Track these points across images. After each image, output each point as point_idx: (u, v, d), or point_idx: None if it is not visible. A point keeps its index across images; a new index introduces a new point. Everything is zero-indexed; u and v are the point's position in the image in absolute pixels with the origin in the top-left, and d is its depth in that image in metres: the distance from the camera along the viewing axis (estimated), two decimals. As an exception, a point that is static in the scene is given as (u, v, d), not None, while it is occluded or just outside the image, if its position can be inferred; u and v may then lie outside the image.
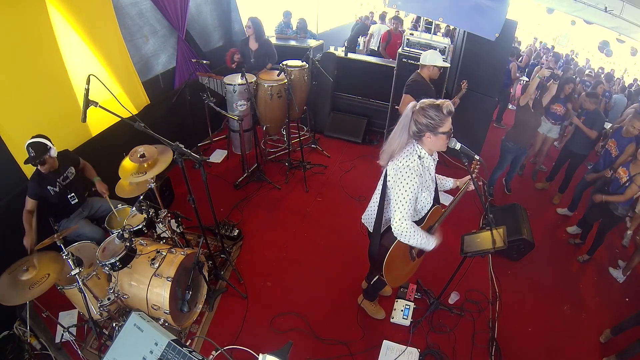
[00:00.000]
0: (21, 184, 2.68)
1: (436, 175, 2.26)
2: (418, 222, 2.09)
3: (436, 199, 2.17)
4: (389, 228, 2.03)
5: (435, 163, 2.09)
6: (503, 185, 4.76)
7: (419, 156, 1.94)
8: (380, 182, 2.09)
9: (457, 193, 2.24)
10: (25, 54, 2.64)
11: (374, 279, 2.67)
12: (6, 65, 2.53)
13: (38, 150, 2.44)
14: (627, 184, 3.26)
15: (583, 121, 4.18)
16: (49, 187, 2.60)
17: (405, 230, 1.91)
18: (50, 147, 2.51)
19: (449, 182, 2.33)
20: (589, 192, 4.14)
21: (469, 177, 2.24)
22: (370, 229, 2.24)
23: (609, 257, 3.86)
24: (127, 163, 2.68)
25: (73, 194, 2.78)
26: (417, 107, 1.87)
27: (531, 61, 8.48)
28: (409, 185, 1.88)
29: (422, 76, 3.56)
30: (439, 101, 1.87)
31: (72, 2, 2.89)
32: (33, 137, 2.45)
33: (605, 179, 3.84)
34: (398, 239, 1.97)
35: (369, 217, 2.29)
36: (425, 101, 1.88)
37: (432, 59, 3.49)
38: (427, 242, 2.00)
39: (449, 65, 3.50)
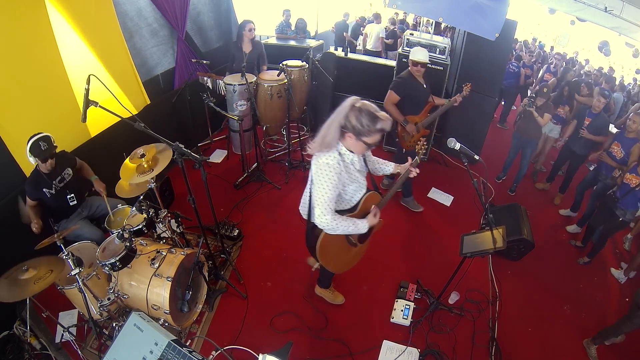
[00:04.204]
0: (21, 184, 2.68)
1: (377, 159, 2.25)
2: (351, 210, 2.08)
3: (374, 188, 2.16)
4: None
5: (362, 157, 2.06)
6: (532, 171, 5.06)
7: (339, 153, 1.91)
8: (310, 172, 2.06)
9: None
10: (25, 54, 2.64)
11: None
12: (6, 65, 2.52)
13: (49, 143, 2.48)
14: (638, 188, 3.20)
15: (589, 123, 4.06)
16: (44, 190, 2.58)
17: (327, 224, 1.92)
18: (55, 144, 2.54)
19: (389, 167, 2.30)
20: (589, 192, 4.15)
21: (409, 163, 2.22)
22: (305, 217, 2.24)
23: (609, 257, 3.85)
24: (128, 165, 2.68)
25: (72, 194, 2.77)
26: (357, 105, 1.78)
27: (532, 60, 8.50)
28: (327, 182, 1.88)
29: (410, 73, 3.54)
30: (380, 113, 1.77)
31: (72, 2, 2.89)
32: (36, 135, 2.45)
33: (606, 182, 3.82)
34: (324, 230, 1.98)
35: (303, 206, 2.28)
36: (367, 105, 1.78)
37: (412, 55, 3.46)
38: (355, 228, 2.00)
39: (427, 61, 3.45)
